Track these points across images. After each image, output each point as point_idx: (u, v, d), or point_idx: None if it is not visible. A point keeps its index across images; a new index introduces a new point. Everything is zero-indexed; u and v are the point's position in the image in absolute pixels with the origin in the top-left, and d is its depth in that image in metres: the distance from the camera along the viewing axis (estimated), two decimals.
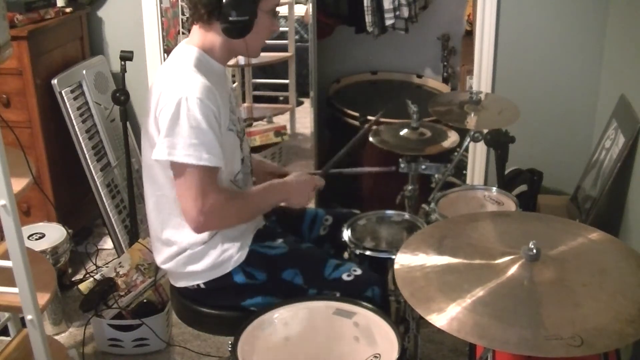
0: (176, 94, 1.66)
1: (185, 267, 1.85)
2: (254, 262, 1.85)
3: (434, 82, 4.12)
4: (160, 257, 1.90)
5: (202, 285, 1.86)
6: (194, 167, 1.67)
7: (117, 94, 2.87)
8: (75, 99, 2.96)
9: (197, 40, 1.80)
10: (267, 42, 1.87)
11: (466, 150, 2.70)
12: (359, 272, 1.84)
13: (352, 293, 1.77)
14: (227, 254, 1.83)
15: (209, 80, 1.72)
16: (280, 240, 1.92)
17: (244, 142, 1.93)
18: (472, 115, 2.33)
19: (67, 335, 2.68)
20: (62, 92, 2.90)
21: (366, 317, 1.63)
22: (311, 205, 3.31)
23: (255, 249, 1.87)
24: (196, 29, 1.80)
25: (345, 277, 1.83)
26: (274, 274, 1.85)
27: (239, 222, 1.84)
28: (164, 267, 1.90)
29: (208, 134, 1.67)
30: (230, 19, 1.70)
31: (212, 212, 1.71)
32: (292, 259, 1.88)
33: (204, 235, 1.81)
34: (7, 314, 2.18)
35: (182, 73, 1.72)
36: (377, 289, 1.82)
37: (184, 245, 1.83)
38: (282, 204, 1.93)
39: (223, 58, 1.83)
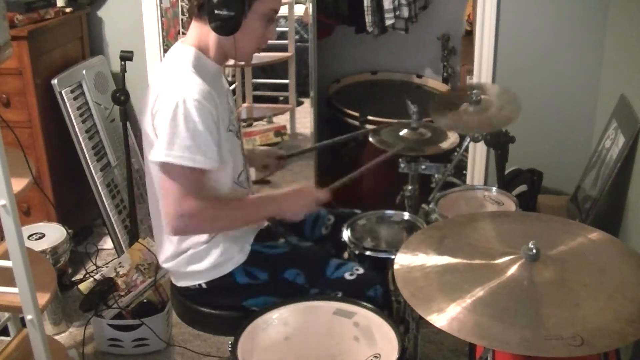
0: (174, 96, 1.65)
1: (187, 267, 1.85)
2: (255, 261, 1.85)
3: (434, 82, 4.12)
4: (163, 255, 1.89)
5: (204, 285, 1.86)
6: (186, 169, 1.65)
7: (117, 94, 2.87)
8: (75, 99, 2.96)
9: (192, 38, 1.79)
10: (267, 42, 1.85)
11: (466, 150, 2.70)
12: (361, 271, 1.84)
13: (354, 292, 1.77)
14: (228, 253, 1.83)
15: (207, 81, 1.71)
16: (282, 240, 1.92)
17: (242, 142, 1.93)
18: None
19: (67, 335, 2.68)
20: (62, 92, 2.90)
21: (366, 317, 1.63)
22: None
23: (257, 249, 1.87)
24: (192, 26, 1.79)
25: (347, 276, 1.83)
26: (275, 274, 1.85)
27: (222, 229, 1.81)
28: (165, 266, 1.90)
29: (205, 135, 1.66)
30: (216, 11, 1.67)
31: (191, 217, 1.67)
32: (293, 258, 1.88)
33: (206, 235, 1.81)
34: (7, 314, 2.18)
35: (180, 74, 1.71)
36: (379, 288, 1.82)
37: (186, 245, 1.83)
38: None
39: (218, 58, 1.81)
